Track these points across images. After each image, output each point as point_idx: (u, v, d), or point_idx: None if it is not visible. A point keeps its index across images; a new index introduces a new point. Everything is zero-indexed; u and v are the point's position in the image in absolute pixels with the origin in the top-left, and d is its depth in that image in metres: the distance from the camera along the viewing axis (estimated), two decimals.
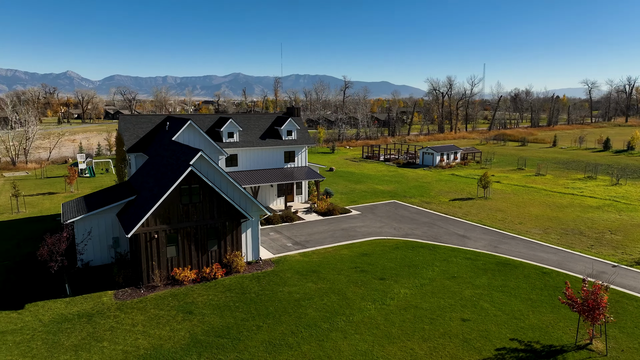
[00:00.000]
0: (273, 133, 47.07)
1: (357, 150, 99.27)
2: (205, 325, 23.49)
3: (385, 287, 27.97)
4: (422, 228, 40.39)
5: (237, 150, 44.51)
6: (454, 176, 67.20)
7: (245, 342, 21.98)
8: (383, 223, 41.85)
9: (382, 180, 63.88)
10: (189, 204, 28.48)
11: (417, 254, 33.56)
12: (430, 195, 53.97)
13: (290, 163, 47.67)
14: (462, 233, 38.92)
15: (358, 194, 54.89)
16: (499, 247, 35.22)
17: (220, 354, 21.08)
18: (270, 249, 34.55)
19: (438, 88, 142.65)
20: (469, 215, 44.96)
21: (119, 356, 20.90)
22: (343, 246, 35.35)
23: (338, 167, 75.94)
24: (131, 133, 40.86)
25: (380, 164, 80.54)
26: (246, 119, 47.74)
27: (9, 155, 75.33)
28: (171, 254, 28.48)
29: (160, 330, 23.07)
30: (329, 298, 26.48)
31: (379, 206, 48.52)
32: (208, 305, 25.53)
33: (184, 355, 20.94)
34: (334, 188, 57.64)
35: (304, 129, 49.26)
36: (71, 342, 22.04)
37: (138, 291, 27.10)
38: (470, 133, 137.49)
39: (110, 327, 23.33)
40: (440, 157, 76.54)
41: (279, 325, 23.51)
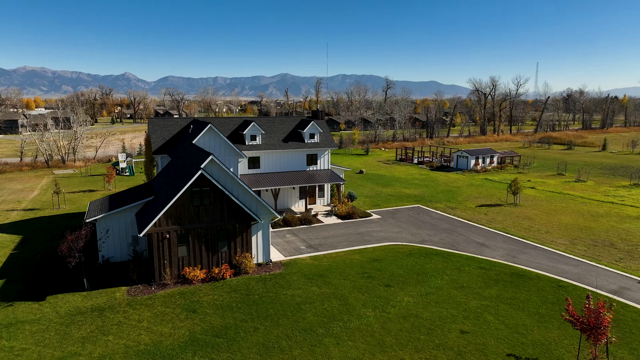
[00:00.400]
0: (296, 136, 47.64)
1: (391, 153, 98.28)
2: (206, 325, 24.30)
3: (389, 294, 27.77)
4: (440, 235, 39.60)
5: (260, 152, 45.43)
6: (487, 181, 65.18)
7: (240, 343, 22.57)
8: (401, 228, 41.39)
9: (411, 184, 63.00)
10: (199, 206, 29.49)
11: (429, 262, 33.01)
12: (457, 201, 52.71)
13: (313, 166, 48.06)
14: (482, 241, 37.83)
15: (383, 197, 54.47)
16: (517, 257, 33.98)
17: (214, 353, 21.78)
18: (283, 251, 35.10)
19: (481, 89, 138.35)
20: (494, 222, 43.57)
21: (120, 350, 22.06)
22: (355, 251, 35.33)
23: (369, 170, 75.59)
24: (158, 135, 42.68)
25: (413, 166, 79.38)
26: (270, 122, 48.61)
27: (60, 153, 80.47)
28: (182, 254, 29.61)
29: (162, 327, 24.11)
30: (330, 303, 26.63)
31: (402, 210, 47.97)
32: (212, 305, 26.36)
33: (180, 353, 21.81)
34: (360, 191, 57.54)
35: (327, 132, 49.50)
36: (80, 334, 23.48)
37: (149, 288, 28.39)
38: (514, 135, 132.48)
39: (118, 322, 24.63)
40: (475, 160, 74.44)
41: (275, 328, 23.94)
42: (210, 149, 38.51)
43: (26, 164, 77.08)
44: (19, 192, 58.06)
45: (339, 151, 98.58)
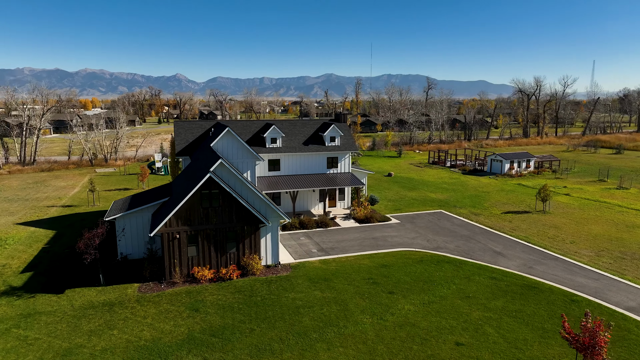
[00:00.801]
0: (317, 139, 47.96)
1: (425, 155, 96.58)
2: (205, 324, 25.10)
3: (391, 301, 27.55)
4: (457, 241, 38.72)
5: (280, 155, 46.10)
6: (519, 186, 62.84)
7: (234, 344, 23.17)
8: (418, 234, 40.79)
9: (439, 188, 61.79)
10: (209, 208, 30.43)
11: (438, 269, 32.41)
12: (483, 207, 51.23)
13: (333, 169, 48.22)
14: (499, 250, 36.66)
15: (406, 201, 53.79)
16: (533, 268, 32.70)
17: (208, 352, 22.49)
18: (294, 254, 35.52)
19: (524, 89, 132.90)
20: (517, 230, 42.07)
21: (122, 344, 23.22)
22: (365, 256, 35.21)
23: (398, 173, 74.76)
24: (182, 138, 44.26)
25: (445, 170, 77.71)
26: (292, 125, 49.21)
27: (103, 153, 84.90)
28: (192, 254, 30.66)
29: (165, 324, 25.12)
30: (329, 308, 26.77)
31: (422, 215, 47.22)
32: (214, 305, 27.16)
33: (175, 350, 22.68)
34: (384, 194, 57.11)
35: (348, 135, 49.50)
36: (89, 327, 24.89)
37: (159, 286, 29.61)
38: (559, 138, 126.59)
39: (124, 317, 25.89)
40: (510, 165, 71.90)
41: (271, 331, 24.38)
42: (228, 151, 39.50)
43: (72, 162, 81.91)
44: (62, 189, 61.83)
45: (371, 153, 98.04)
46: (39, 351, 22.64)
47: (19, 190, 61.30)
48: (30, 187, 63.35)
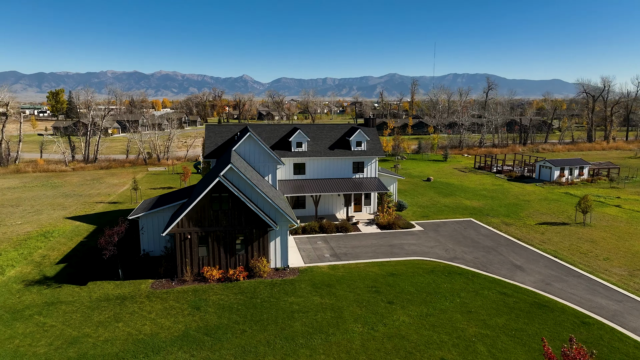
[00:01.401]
0: (343, 143, 48.09)
1: (472, 160, 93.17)
2: (202, 322, 26.27)
3: (388, 311, 27.26)
4: (477, 253, 37.33)
5: (305, 159, 46.76)
6: (566, 195, 59.05)
7: (223, 344, 24.11)
8: (438, 243, 39.77)
9: (477, 195, 59.56)
10: (219, 210, 31.70)
11: (447, 281, 31.51)
12: (518, 216, 48.82)
13: (359, 174, 48.12)
14: (520, 263, 34.91)
15: (437, 208, 52.45)
16: (551, 285, 30.87)
17: (196, 350, 23.58)
18: (306, 258, 36.01)
19: (589, 90, 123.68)
20: (547, 243, 39.76)
21: (122, 337, 24.93)
22: (376, 263, 34.95)
23: (439, 177, 72.86)
24: (212, 141, 46.19)
25: (490, 175, 74.62)
26: (319, 129, 49.69)
27: (156, 152, 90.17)
28: (202, 254, 32.09)
29: (166, 320, 26.59)
30: (323, 314, 27.00)
31: (449, 224, 45.89)
32: (215, 304, 28.31)
33: (168, 346, 24.00)
34: (416, 200, 56.07)
35: (375, 140, 49.14)
36: (99, 318, 26.92)
37: (170, 283, 31.31)
38: (628, 143, 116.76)
39: (132, 311, 27.71)
40: (560, 172, 67.69)
41: (261, 333, 25.06)
42: (249, 155, 40.75)
43: (129, 161, 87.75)
44: (113, 187, 66.58)
45: (416, 156, 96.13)
46: (51, 337, 24.87)
47: (77, 187, 66.79)
48: (87, 184, 68.80)
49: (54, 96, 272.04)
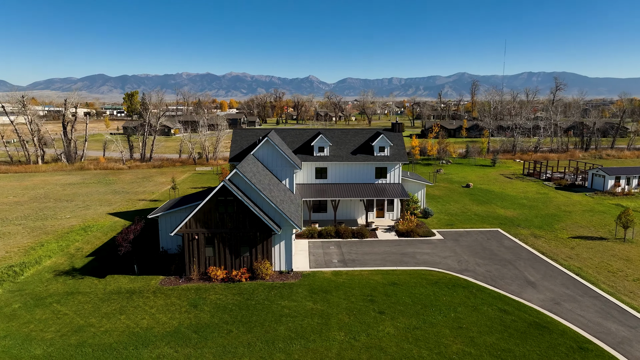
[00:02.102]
0: (366, 149, 47.89)
1: (522, 165, 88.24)
2: (195, 320, 27.61)
3: (376, 322, 27.06)
4: (491, 266, 35.77)
5: (327, 163, 47.13)
6: (616, 207, 54.52)
7: (207, 342, 25.24)
8: (453, 253, 38.55)
9: (515, 204, 56.69)
10: (224, 213, 33.02)
11: (448, 294, 30.58)
12: (551, 228, 45.97)
13: (382, 179, 47.68)
14: (534, 279, 33.02)
15: (466, 216, 50.63)
16: (560, 305, 28.99)
17: (181, 346, 24.89)
18: (313, 262, 36.44)
19: None
20: (573, 259, 37.20)
21: (121, 328, 26.85)
22: (381, 271, 34.62)
23: (480, 184, 70.04)
24: (237, 145, 47.91)
25: (537, 183, 70.50)
26: (344, 134, 49.81)
27: (205, 153, 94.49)
28: (209, 254, 33.58)
29: (163, 315, 28.25)
30: (310, 320, 27.34)
31: (473, 233, 44.21)
32: (212, 304, 29.58)
33: (158, 340, 25.52)
34: (447, 207, 54.50)
35: (400, 146, 48.40)
36: (106, 310, 29.14)
37: (177, 280, 33.10)
38: None
39: (136, 305, 29.69)
40: (615, 181, 62.58)
41: (245, 335, 25.92)
42: (268, 159, 41.86)
43: (179, 161, 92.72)
44: (159, 185, 70.82)
45: (462, 161, 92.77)
46: (60, 325, 27.34)
47: (127, 184, 71.84)
48: (137, 182, 73.75)
49: (129, 97, 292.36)
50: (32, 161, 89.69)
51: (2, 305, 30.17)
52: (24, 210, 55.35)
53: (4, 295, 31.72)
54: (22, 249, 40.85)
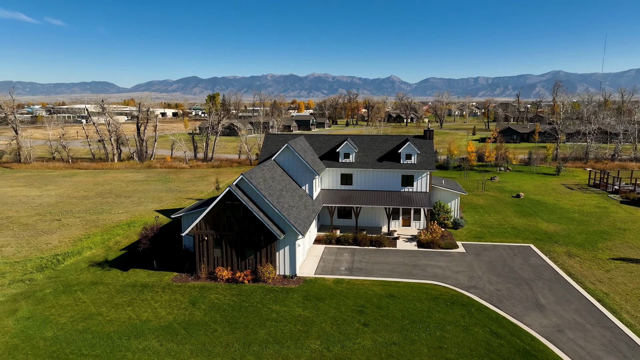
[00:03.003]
0: (393, 156, 47.15)
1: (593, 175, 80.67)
2: (188, 317, 29.38)
3: (356, 333, 26.96)
4: (504, 284, 33.73)
5: (352, 170, 47.13)
6: None
7: (190, 339, 26.83)
8: (468, 269, 36.86)
9: (563, 218, 52.44)
10: (231, 217, 34.62)
11: (444, 311, 29.49)
12: (594, 247, 42.05)
13: (408, 187, 46.67)
14: (545, 303, 30.67)
15: (501, 229, 47.86)
16: (563, 333, 26.76)
17: (166, 341, 26.69)
18: (319, 269, 36.84)
19: None
20: (603, 283, 33.90)
21: (123, 319, 29.37)
22: (384, 282, 34.14)
23: (534, 194, 65.47)
24: (267, 149, 49.53)
25: (601, 196, 64.33)
26: (372, 140, 49.40)
27: None
28: (217, 255, 35.38)
29: (163, 310, 30.39)
30: (292, 327, 27.89)
31: (499, 248, 41.80)
32: (209, 303, 31.22)
33: (149, 333, 27.58)
34: (484, 218, 51.92)
35: (428, 153, 46.98)
36: (117, 301, 31.96)
37: (188, 278, 35.27)
38: None
39: (144, 299, 32.21)
40: None
41: (227, 335, 27.16)
42: (288, 165, 42.93)
43: (237, 161, 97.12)
44: (211, 184, 74.91)
45: (523, 168, 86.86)
46: (75, 311, 30.53)
47: (182, 183, 76.94)
48: (192, 181, 78.68)
49: (211, 99, 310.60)
50: (109, 159, 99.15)
51: (37, 289, 34.27)
52: (87, 204, 61.68)
53: (42, 280, 35.96)
54: (71, 240, 45.79)
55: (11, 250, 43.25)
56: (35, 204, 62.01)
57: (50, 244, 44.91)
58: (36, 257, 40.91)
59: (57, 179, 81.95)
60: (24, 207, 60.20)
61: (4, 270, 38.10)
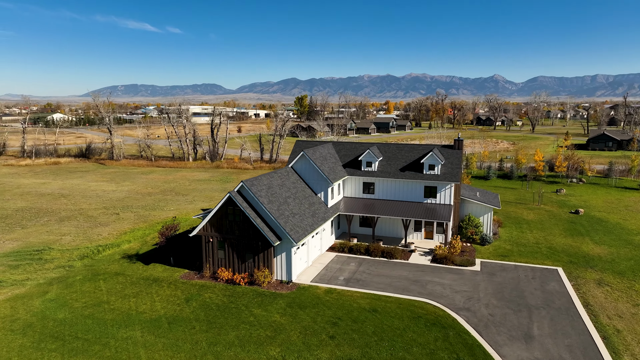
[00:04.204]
0: (416, 166, 45.76)
1: None
2: (177, 313, 31.72)
3: (319, 345, 27.20)
4: (500, 309, 31.40)
5: (374, 179, 46.63)
6: None
7: (169, 333, 29.03)
8: (471, 289, 34.80)
9: (619, 240, 46.68)
10: (233, 221, 36.52)
11: (420, 332, 28.45)
12: (636, 277, 37.15)
13: (431, 199, 45.00)
14: (536, 334, 28.08)
15: (535, 248, 44.09)
16: None
17: (148, 333, 29.16)
18: (317, 277, 37.27)
19: None
20: (624, 318, 30.06)
21: (123, 309, 32.54)
22: (374, 296, 33.63)
23: (597, 211, 58.82)
24: (294, 155, 50.75)
25: None
26: (399, 149, 48.28)
27: None
28: (220, 256, 37.51)
29: (159, 304, 33.14)
30: (262, 332, 28.87)
31: (520, 269, 38.70)
32: (201, 301, 33.33)
33: (137, 324, 30.27)
34: (524, 236, 48.23)
35: (455, 164, 44.79)
36: (126, 292, 35.41)
37: (194, 276, 37.85)
38: None
39: (149, 292, 35.32)
40: None
41: (200, 334, 28.93)
42: (304, 172, 43.85)
43: None
44: None
45: (600, 180, 77.67)
46: (90, 298, 34.50)
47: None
48: None
49: (299, 101, 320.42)
50: (185, 158, 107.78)
51: (71, 275, 39.18)
52: (148, 200, 68.12)
53: (79, 268, 40.97)
54: (118, 233, 51.22)
55: (69, 239, 49.64)
56: (107, 198, 69.96)
57: (101, 235, 50.69)
58: (83, 247, 46.55)
59: (136, 175, 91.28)
60: (96, 200, 68.28)
61: (54, 257, 43.99)
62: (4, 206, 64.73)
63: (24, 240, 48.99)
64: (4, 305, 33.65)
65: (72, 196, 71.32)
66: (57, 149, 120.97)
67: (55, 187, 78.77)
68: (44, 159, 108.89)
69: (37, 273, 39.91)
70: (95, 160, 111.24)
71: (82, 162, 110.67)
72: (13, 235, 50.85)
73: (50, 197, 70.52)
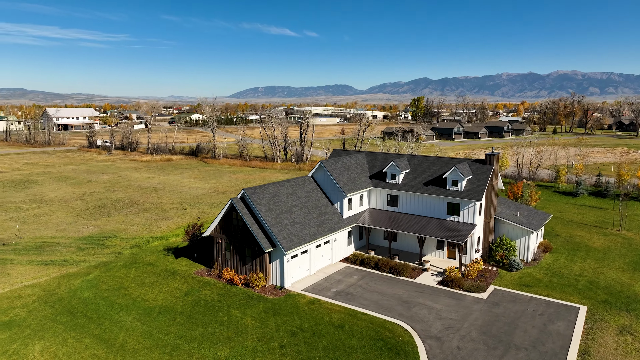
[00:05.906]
0: (440, 181, 43.26)
1: None
2: (171, 305, 35.29)
3: (265, 352, 28.31)
4: (473, 344, 28.72)
5: (398, 192, 45.29)
6: None
7: (153, 323, 32.56)
8: (458, 318, 32.27)
9: None
10: (236, 226, 39.14)
11: (368, 355, 27.79)
12: None
13: (454, 216, 42.23)
14: None
15: (571, 281, 38.63)
16: None
17: (139, 320, 33.09)
18: (312, 286, 37.94)
19: None
20: None
21: (133, 295, 37.21)
22: (352, 312, 33.27)
23: None
24: None
25: None
26: (428, 162, 45.97)
27: None
28: (227, 257, 40.42)
29: (163, 295, 37.17)
30: (226, 332, 30.84)
31: (532, 303, 34.50)
32: (196, 297, 36.51)
33: (135, 310, 34.54)
34: (572, 265, 42.63)
35: (481, 181, 41.30)
36: (145, 281, 40.16)
37: (205, 273, 41.31)
38: None
39: (163, 283, 39.67)
40: None
41: (176, 326, 31.96)
42: (322, 183, 44.61)
43: None
44: None
45: None
46: (115, 283, 40.02)
47: None
48: None
49: (415, 103, 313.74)
50: (274, 159, 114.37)
51: (114, 261, 45.56)
52: (218, 199, 74.49)
53: (125, 256, 47.41)
54: (173, 227, 57.51)
55: (135, 229, 57.33)
56: (188, 194, 78.32)
57: (160, 228, 57.54)
58: (140, 237, 53.47)
59: (224, 174, 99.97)
60: (179, 195, 76.91)
61: (114, 244, 51.43)
62: (107, 196, 76.68)
63: (102, 227, 57.92)
64: (54, 280, 40.82)
65: (162, 191, 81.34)
66: (174, 147, 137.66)
67: (155, 182, 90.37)
68: (160, 156, 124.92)
69: (93, 257, 47.18)
70: (200, 159, 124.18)
71: (190, 159, 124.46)
72: (97, 222, 60.37)
73: (145, 191, 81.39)
